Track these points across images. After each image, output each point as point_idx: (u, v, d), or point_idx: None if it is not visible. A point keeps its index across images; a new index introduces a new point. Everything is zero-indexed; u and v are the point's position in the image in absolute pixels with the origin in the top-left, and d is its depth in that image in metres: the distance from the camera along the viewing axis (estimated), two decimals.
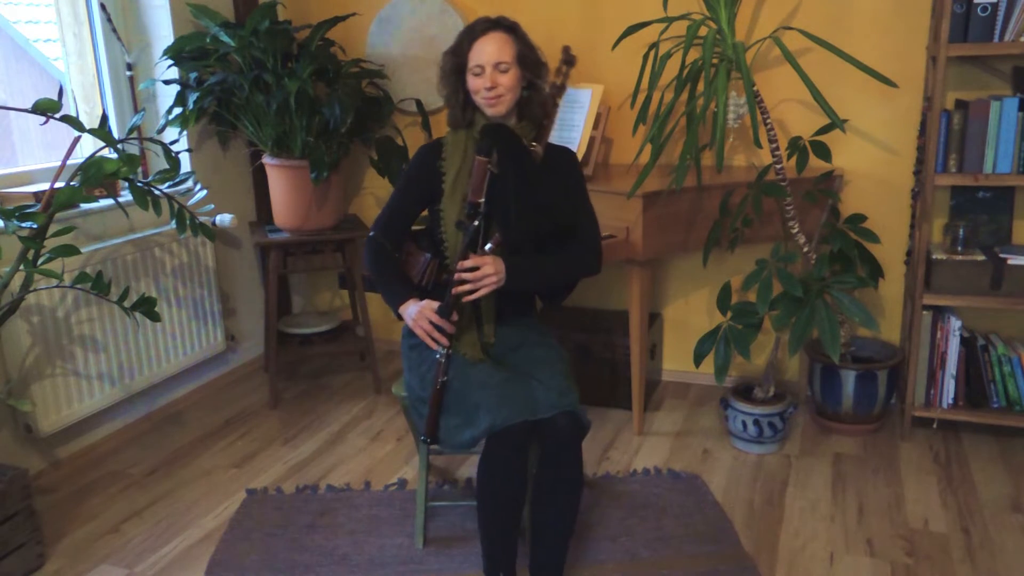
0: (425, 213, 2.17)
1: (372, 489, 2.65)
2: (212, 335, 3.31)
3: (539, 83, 2.08)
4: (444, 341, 2.00)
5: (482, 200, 1.95)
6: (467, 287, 1.96)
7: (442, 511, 2.48)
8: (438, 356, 2.02)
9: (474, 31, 2.04)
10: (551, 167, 2.08)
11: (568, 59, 2.05)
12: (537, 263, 2.07)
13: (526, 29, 2.09)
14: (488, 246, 1.97)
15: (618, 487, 2.61)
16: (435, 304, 2.02)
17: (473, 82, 2.04)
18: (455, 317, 2.01)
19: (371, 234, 2.15)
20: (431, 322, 2.01)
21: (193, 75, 3.09)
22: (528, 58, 2.06)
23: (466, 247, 1.97)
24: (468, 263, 1.96)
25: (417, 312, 2.04)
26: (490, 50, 2.00)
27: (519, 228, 2.00)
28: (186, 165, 3.19)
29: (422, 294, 2.10)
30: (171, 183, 2.49)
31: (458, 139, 2.10)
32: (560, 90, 2.05)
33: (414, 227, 2.19)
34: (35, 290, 2.39)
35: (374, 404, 3.31)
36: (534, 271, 2.07)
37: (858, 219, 2.80)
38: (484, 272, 1.96)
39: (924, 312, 2.78)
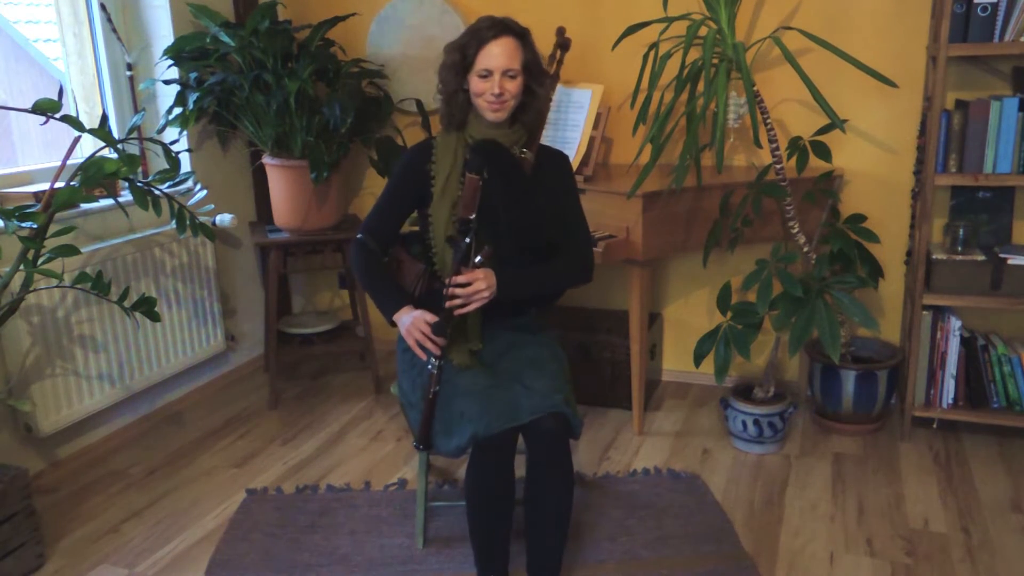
0: (415, 214, 2.15)
1: (372, 489, 2.65)
2: (212, 335, 3.31)
3: (539, 91, 2.04)
4: (436, 351, 1.96)
5: (472, 216, 1.93)
6: (458, 301, 1.94)
7: (442, 511, 2.48)
8: (430, 368, 1.97)
9: (485, 33, 1.97)
10: (542, 173, 2.06)
11: (562, 42, 1.98)
12: (529, 274, 2.05)
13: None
14: (478, 259, 1.95)
15: (618, 487, 2.61)
16: (429, 316, 1.97)
17: (478, 84, 1.98)
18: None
19: (359, 236, 2.10)
20: (425, 334, 1.96)
21: (193, 75, 3.09)
22: (534, 66, 2.03)
23: (458, 262, 1.95)
24: (460, 278, 1.94)
25: (411, 322, 1.99)
26: (501, 55, 1.95)
27: (509, 241, 1.99)
28: (186, 165, 3.19)
29: (414, 303, 2.07)
30: (171, 183, 2.49)
31: (448, 142, 2.06)
32: (554, 80, 1.99)
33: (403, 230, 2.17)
34: (35, 290, 2.39)
35: (374, 404, 3.31)
36: (526, 282, 2.05)
37: (858, 219, 2.81)
38: (476, 288, 1.94)
39: (924, 312, 2.78)
